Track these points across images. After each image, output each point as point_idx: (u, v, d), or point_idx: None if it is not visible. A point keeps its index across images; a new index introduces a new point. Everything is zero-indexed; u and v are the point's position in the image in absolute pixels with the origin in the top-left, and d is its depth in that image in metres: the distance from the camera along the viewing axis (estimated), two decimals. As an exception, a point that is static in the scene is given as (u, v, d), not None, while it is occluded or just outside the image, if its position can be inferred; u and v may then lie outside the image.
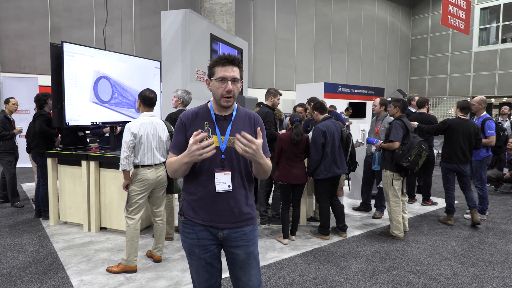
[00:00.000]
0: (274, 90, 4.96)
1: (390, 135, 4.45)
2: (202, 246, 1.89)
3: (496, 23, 18.06)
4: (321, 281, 3.36)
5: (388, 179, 4.47)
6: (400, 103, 4.62)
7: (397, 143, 4.36)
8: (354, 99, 13.40)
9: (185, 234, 1.93)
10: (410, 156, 4.23)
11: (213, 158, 1.79)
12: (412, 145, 4.26)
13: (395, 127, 4.43)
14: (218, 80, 1.80)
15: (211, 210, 1.85)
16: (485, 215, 5.40)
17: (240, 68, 1.85)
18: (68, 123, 4.43)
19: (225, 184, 1.82)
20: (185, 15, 6.81)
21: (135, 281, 3.28)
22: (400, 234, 4.45)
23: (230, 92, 1.79)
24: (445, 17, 10.69)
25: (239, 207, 1.86)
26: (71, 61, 4.38)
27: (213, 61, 1.84)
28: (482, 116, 5.34)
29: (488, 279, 3.47)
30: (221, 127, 1.86)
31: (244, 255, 1.90)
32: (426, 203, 6.14)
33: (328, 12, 17.20)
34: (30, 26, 10.09)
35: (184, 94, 4.43)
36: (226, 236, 1.88)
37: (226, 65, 1.80)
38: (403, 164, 4.26)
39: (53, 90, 4.44)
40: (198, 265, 1.92)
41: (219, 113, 1.88)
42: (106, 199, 4.51)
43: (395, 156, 4.35)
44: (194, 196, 1.87)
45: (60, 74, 4.34)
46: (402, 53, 21.06)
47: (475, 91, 18.07)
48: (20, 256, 3.79)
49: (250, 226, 1.93)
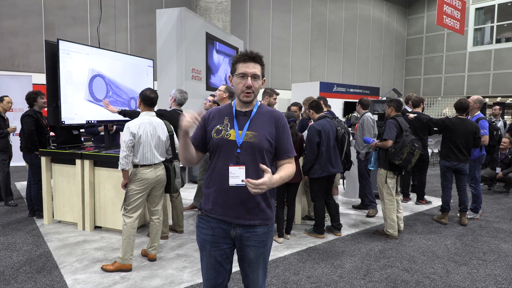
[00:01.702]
0: (270, 90, 4.96)
1: (384, 134, 4.49)
2: (214, 243, 1.90)
3: (490, 23, 18.19)
4: (315, 279, 3.38)
5: (382, 178, 4.50)
6: (394, 102, 4.66)
7: (390, 142, 4.40)
8: (349, 98, 13.43)
9: (199, 228, 1.95)
10: (402, 154, 4.28)
11: (229, 152, 1.84)
12: (404, 143, 4.30)
13: (389, 126, 4.46)
14: (239, 76, 1.84)
15: (224, 203, 1.86)
16: (478, 214, 5.45)
17: (261, 65, 1.89)
18: (64, 122, 4.41)
19: (239, 179, 1.82)
20: (180, 14, 6.79)
21: (130, 279, 3.27)
22: (394, 233, 4.48)
23: (249, 88, 1.83)
24: (440, 17, 10.75)
25: (253, 202, 1.86)
26: (66, 59, 4.36)
27: (235, 57, 1.88)
28: (475, 116, 5.38)
29: (481, 277, 3.50)
30: (240, 121, 1.89)
31: (254, 255, 1.92)
32: (420, 202, 6.18)
33: (324, 11, 17.23)
34: (24, 24, 10.02)
35: (177, 93, 4.42)
36: (238, 235, 1.89)
37: (248, 62, 1.84)
38: (396, 162, 4.31)
39: (48, 88, 4.41)
40: (208, 261, 1.93)
41: (239, 109, 1.93)
42: (101, 198, 4.49)
43: (388, 154, 4.40)
44: (210, 190, 1.90)
45: (55, 72, 4.32)
46: (397, 52, 21.15)
47: (469, 91, 18.20)
48: (14, 255, 3.77)
49: (263, 227, 1.91)
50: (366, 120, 5.48)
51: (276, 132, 1.91)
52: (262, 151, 1.85)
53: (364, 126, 5.45)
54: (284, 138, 1.93)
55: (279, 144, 1.91)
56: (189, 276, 3.36)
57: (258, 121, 1.90)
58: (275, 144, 1.91)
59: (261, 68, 1.88)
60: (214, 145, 1.87)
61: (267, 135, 1.87)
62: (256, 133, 1.86)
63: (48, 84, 4.38)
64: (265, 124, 1.90)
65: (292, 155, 1.94)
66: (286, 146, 1.92)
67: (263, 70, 1.90)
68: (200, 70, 7.59)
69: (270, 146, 1.88)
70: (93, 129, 5.66)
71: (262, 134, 1.86)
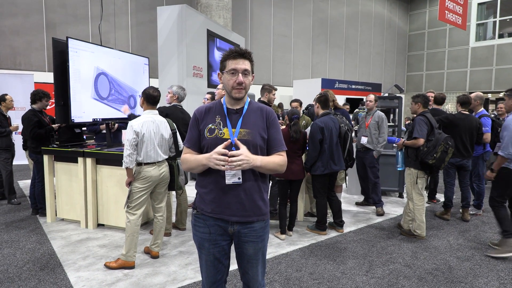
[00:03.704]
0: (269, 86, 4.95)
1: (413, 131, 4.26)
2: (212, 241, 1.91)
3: (493, 18, 18.06)
4: (318, 276, 3.38)
5: (412, 177, 4.31)
6: (421, 98, 4.41)
7: (421, 140, 4.18)
8: (351, 94, 13.40)
9: (196, 227, 1.95)
10: (436, 153, 4.08)
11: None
12: (438, 142, 4.10)
13: (418, 123, 4.24)
14: (230, 73, 1.83)
15: (221, 202, 1.86)
16: (480, 210, 5.44)
17: (251, 61, 1.88)
18: (73, 120, 4.41)
19: (236, 177, 1.83)
20: (181, 11, 6.77)
21: (133, 277, 3.29)
22: (422, 233, 4.33)
23: (241, 84, 1.82)
24: (442, 12, 10.67)
25: (250, 200, 1.87)
26: (75, 57, 4.35)
27: (224, 55, 1.87)
28: (478, 113, 5.34)
29: (483, 273, 3.50)
30: (232, 120, 1.89)
31: (253, 250, 1.93)
32: (432, 201, 6.05)
33: (325, 7, 17.15)
34: (25, 22, 10.01)
35: (179, 90, 4.45)
36: (236, 231, 1.90)
37: (237, 58, 1.83)
38: (429, 161, 4.11)
39: (56, 87, 4.39)
40: (207, 259, 1.94)
41: (230, 107, 1.92)
42: (103, 195, 4.50)
43: (420, 153, 4.18)
44: (205, 189, 1.90)
45: (63, 70, 4.30)
46: (399, 48, 21.05)
47: (472, 87, 18.11)
48: (18, 253, 3.79)
49: (260, 222, 1.93)
50: (385, 117, 5.29)
51: (266, 126, 1.92)
52: (257, 147, 1.86)
53: (383, 124, 5.25)
54: (274, 132, 1.93)
55: (269, 139, 1.92)
56: (192, 273, 3.37)
57: (250, 118, 1.90)
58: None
59: (251, 65, 1.88)
60: (208, 144, 1.86)
61: (260, 131, 1.88)
62: (249, 130, 1.86)
63: (56, 82, 4.37)
64: (257, 121, 1.90)
65: (282, 149, 1.94)
66: (275, 141, 1.92)
67: (252, 66, 1.89)
68: (201, 67, 7.58)
69: (264, 142, 1.89)
70: (95, 127, 5.67)
71: (255, 130, 1.87)
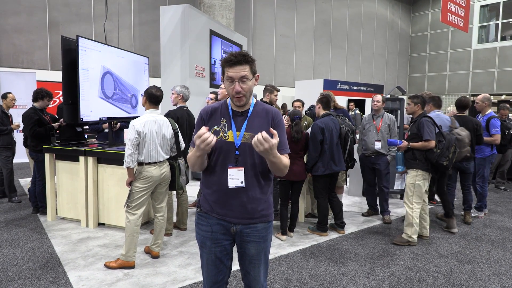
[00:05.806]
0: (270, 87, 4.95)
1: (423, 133, 4.15)
2: (214, 239, 1.91)
3: (495, 20, 18.01)
4: (319, 277, 3.37)
5: (417, 179, 4.21)
6: (420, 99, 4.34)
7: (433, 142, 4.10)
8: (353, 96, 13.37)
9: (199, 226, 1.95)
10: (449, 154, 4.04)
11: (228, 153, 1.83)
12: (450, 143, 4.07)
13: (427, 125, 4.13)
14: (228, 81, 1.81)
15: (224, 205, 1.87)
16: (482, 213, 5.41)
17: (249, 64, 1.81)
18: (82, 119, 4.40)
19: (238, 180, 1.83)
20: (184, 11, 6.78)
21: (133, 277, 3.28)
22: (415, 239, 4.21)
23: (239, 93, 1.79)
24: (444, 14, 10.65)
25: (252, 203, 1.86)
26: (84, 56, 4.34)
27: (222, 60, 1.84)
28: (487, 114, 5.30)
29: (485, 276, 3.48)
30: (237, 122, 1.87)
31: (255, 251, 1.92)
32: (432, 202, 6.01)
33: (328, 8, 17.13)
34: (28, 21, 10.02)
35: (183, 89, 4.44)
36: (238, 231, 1.89)
37: (234, 66, 1.78)
38: (444, 163, 4.04)
39: (64, 85, 4.37)
40: (208, 258, 1.93)
41: (236, 109, 1.90)
42: (104, 195, 4.50)
43: (433, 155, 4.10)
44: (209, 190, 1.90)
45: (72, 68, 4.29)
46: (401, 50, 21.01)
47: (474, 89, 18.07)
48: (18, 251, 3.79)
49: (264, 224, 1.92)
50: (395, 120, 5.19)
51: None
52: None
53: (395, 127, 5.15)
54: (279, 134, 1.89)
55: None
56: (192, 273, 3.36)
57: (255, 121, 1.88)
58: None
59: (250, 67, 1.81)
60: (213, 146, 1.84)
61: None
62: (253, 134, 1.82)
63: (64, 81, 4.35)
64: (262, 124, 1.88)
65: (285, 152, 1.91)
66: (280, 143, 1.87)
67: (252, 67, 1.83)
68: (204, 67, 7.58)
69: None
70: (97, 126, 5.67)
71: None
